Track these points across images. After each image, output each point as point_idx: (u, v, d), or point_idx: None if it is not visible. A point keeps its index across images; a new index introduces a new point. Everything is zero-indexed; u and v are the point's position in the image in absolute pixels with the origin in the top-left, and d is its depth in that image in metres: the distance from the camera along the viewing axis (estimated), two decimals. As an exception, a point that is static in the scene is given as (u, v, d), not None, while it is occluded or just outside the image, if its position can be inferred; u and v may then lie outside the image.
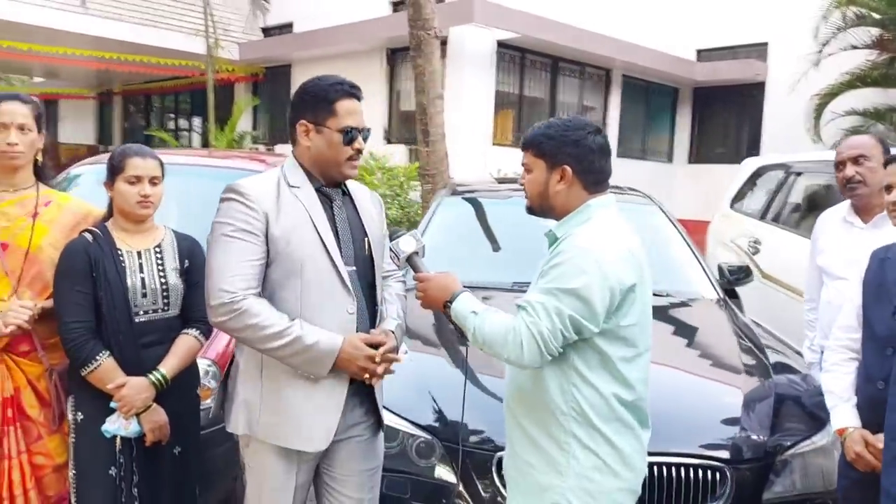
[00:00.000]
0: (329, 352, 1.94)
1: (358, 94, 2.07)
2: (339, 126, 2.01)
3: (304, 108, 2.04)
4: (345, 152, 2.04)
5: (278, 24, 14.33)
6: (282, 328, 1.91)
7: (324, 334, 1.94)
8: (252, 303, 1.91)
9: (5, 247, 2.36)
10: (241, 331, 1.93)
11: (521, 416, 1.87)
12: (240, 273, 1.92)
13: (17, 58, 13.32)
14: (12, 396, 2.38)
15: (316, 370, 1.96)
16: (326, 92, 2.02)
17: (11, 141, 2.34)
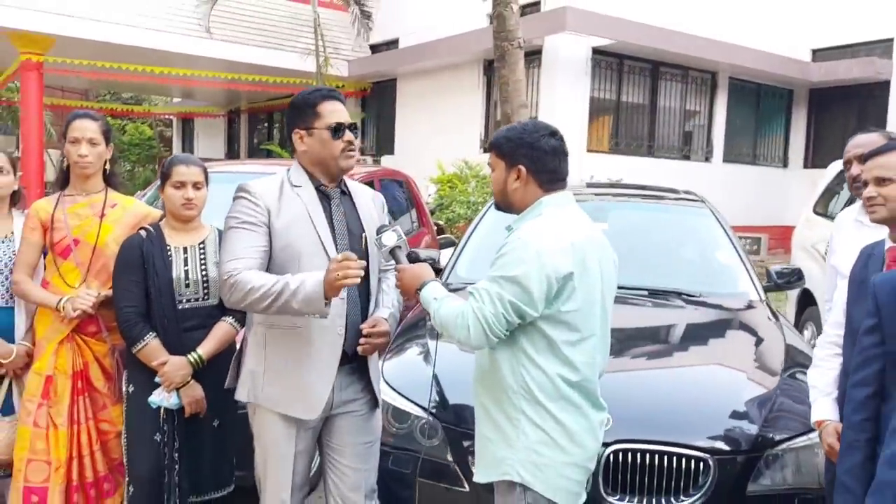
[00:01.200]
0: (316, 283, 2.07)
1: (337, 97, 2.33)
2: (325, 124, 2.27)
3: (295, 119, 2.32)
4: (337, 146, 2.28)
5: (385, 41, 14.94)
6: (271, 283, 2.12)
7: (306, 275, 2.11)
8: (243, 274, 2.15)
9: (77, 242, 2.79)
10: (244, 300, 2.17)
11: (482, 395, 2.04)
12: (240, 256, 2.19)
13: (158, 81, 14.67)
14: (82, 370, 2.80)
15: (316, 307, 2.10)
16: (308, 99, 2.30)
17: (82, 153, 2.76)
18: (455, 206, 10.46)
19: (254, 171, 4.70)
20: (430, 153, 12.05)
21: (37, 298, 2.77)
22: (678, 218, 4.21)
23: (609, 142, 12.17)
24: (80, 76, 14.52)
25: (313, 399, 2.27)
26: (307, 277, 2.12)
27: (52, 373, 2.76)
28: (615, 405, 2.31)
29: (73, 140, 2.76)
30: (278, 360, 2.29)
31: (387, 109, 14.78)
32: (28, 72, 11.71)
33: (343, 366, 2.31)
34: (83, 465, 2.78)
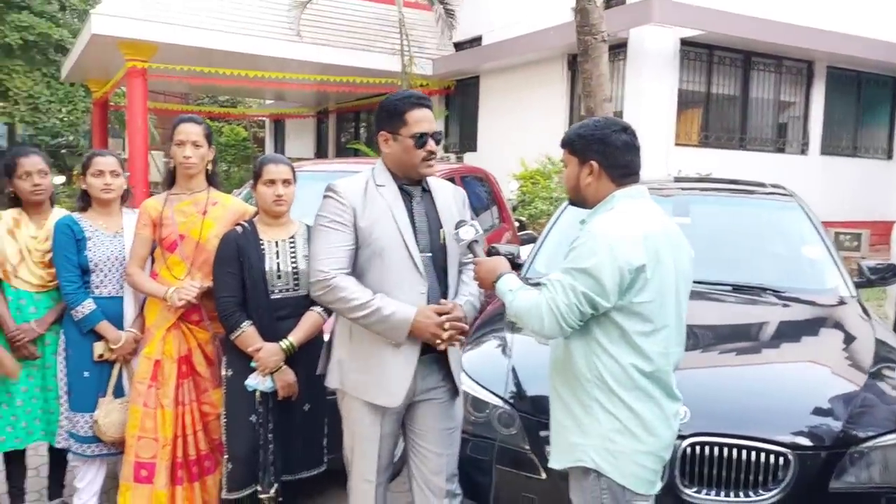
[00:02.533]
0: (404, 320, 2.30)
1: (427, 104, 2.42)
2: (410, 133, 2.37)
3: (383, 121, 2.43)
4: (418, 155, 2.39)
5: (468, 39, 15.04)
6: (364, 301, 2.30)
7: (400, 306, 2.31)
8: (340, 279, 2.32)
9: (182, 237, 3.01)
10: (333, 302, 2.36)
11: (557, 383, 2.11)
12: (332, 256, 2.34)
13: (252, 84, 15.31)
14: (186, 356, 3.03)
15: (395, 336, 2.32)
16: (397, 105, 2.39)
17: (187, 155, 2.98)
18: (537, 201, 10.45)
19: (339, 169, 4.90)
20: (513, 149, 12.08)
21: (147, 289, 3.01)
22: (765, 212, 4.11)
23: (698, 135, 11.85)
24: (180, 81, 15.31)
25: (394, 388, 2.38)
26: (398, 310, 2.29)
27: (161, 357, 2.99)
28: (695, 398, 2.33)
29: (178, 142, 2.98)
30: (362, 351, 2.42)
31: (470, 107, 14.89)
32: (134, 78, 12.45)
33: (425, 355, 2.42)
34: (187, 444, 3.01)
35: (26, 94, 19.00)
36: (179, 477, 3.00)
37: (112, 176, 3.13)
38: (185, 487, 3.01)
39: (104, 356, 3.07)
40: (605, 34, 8.13)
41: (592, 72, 8.16)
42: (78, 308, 3.01)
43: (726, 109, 12.16)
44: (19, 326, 3.05)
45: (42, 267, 3.10)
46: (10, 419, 3.08)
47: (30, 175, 3.09)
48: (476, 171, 6.36)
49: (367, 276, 2.39)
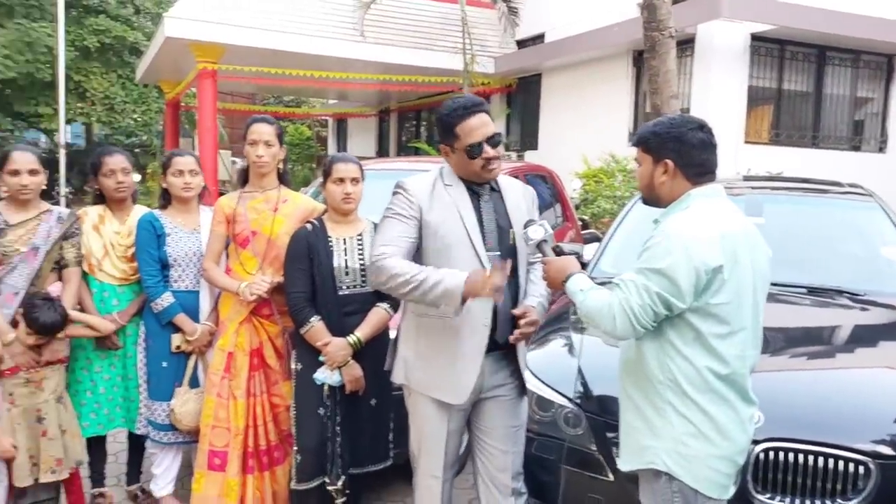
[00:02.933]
0: (455, 285, 2.19)
1: (477, 110, 2.38)
2: (463, 146, 2.38)
3: (440, 134, 2.46)
4: (476, 164, 2.40)
5: (531, 36, 14.95)
6: (413, 274, 2.25)
7: (447, 272, 2.24)
8: (387, 259, 2.30)
9: (254, 234, 3.10)
10: (385, 284, 2.32)
11: (627, 385, 2.08)
12: (389, 243, 2.34)
13: (317, 84, 15.59)
14: (257, 349, 3.12)
15: (451, 302, 2.22)
16: (448, 119, 2.39)
17: (259, 154, 3.07)
18: (600, 200, 10.31)
19: (405, 168, 4.95)
20: (575, 147, 11.95)
21: (221, 283, 3.11)
22: (842, 212, 3.97)
23: (769, 133, 11.50)
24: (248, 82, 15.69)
25: (460, 386, 2.40)
26: (447, 275, 2.23)
27: (233, 350, 3.09)
28: (770, 403, 2.27)
29: (251, 142, 3.07)
30: (428, 348, 2.44)
31: (531, 105, 14.81)
32: (204, 79, 12.84)
33: (491, 353, 2.42)
34: (258, 434, 3.10)
35: (103, 95, 19.82)
36: (250, 466, 3.09)
37: (191, 175, 3.25)
38: (255, 476, 3.10)
39: (181, 348, 3.20)
40: (673, 30, 7.98)
41: (659, 68, 8.01)
42: (157, 301, 3.14)
43: (798, 106, 11.76)
44: (104, 318, 3.19)
45: (125, 261, 3.24)
46: (93, 406, 3.23)
47: (114, 173, 3.23)
48: (539, 170, 6.32)
49: None
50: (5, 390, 2.94)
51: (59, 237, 3.09)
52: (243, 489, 3.07)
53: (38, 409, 2.96)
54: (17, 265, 3.00)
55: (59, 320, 2.94)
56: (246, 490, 3.07)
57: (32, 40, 16.87)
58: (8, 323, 2.94)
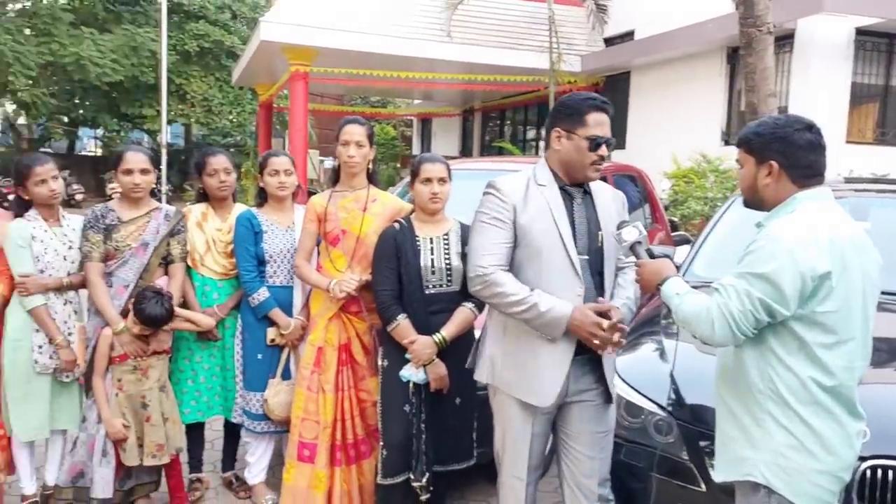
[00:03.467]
0: (561, 317, 2.28)
1: (607, 109, 2.40)
2: (587, 134, 2.36)
3: (560, 118, 2.43)
4: (589, 157, 2.38)
5: (620, 34, 14.69)
6: (522, 297, 2.31)
7: (557, 303, 2.30)
8: (498, 275, 2.35)
9: (344, 232, 3.17)
10: (490, 298, 2.39)
11: (725, 393, 2.01)
12: (490, 252, 2.38)
13: (402, 85, 15.83)
14: (346, 344, 3.19)
15: (551, 332, 2.31)
16: (580, 105, 2.39)
17: (351, 154, 3.14)
18: (691, 201, 10.02)
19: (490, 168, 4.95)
20: (664, 147, 11.65)
21: (313, 280, 3.20)
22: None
23: (873, 132, 10.88)
24: (337, 84, 16.06)
25: (546, 388, 2.38)
26: (555, 306, 2.28)
27: (323, 345, 3.18)
28: (876, 418, 2.15)
29: (343, 142, 3.14)
30: (515, 348, 2.44)
31: (619, 103, 14.50)
32: (296, 81, 13.24)
33: (579, 356, 2.40)
34: (345, 428, 3.17)
35: (201, 98, 20.76)
36: (338, 459, 3.16)
37: (286, 174, 3.36)
38: (343, 469, 3.17)
39: (275, 341, 3.31)
40: (771, 25, 7.67)
41: (756, 65, 7.72)
42: (254, 295, 3.26)
43: (908, 103, 11.08)
44: (204, 311, 3.34)
45: (225, 257, 3.39)
46: (193, 394, 3.39)
47: (217, 172, 3.38)
48: (628, 170, 6.20)
49: (523, 275, 2.40)
50: (114, 376, 3.13)
51: (166, 234, 3.26)
52: (331, 481, 3.14)
53: (142, 396, 3.13)
54: (128, 259, 3.18)
55: (165, 314, 3.10)
56: (334, 482, 3.14)
57: (137, 45, 17.84)
58: (118, 314, 3.12)
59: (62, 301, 3.17)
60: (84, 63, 16.61)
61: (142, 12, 20.24)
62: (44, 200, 3.14)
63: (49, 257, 3.12)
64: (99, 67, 16.75)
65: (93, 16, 19.32)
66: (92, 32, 17.47)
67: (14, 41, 15.75)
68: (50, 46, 16.38)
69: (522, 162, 5.42)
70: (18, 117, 23.32)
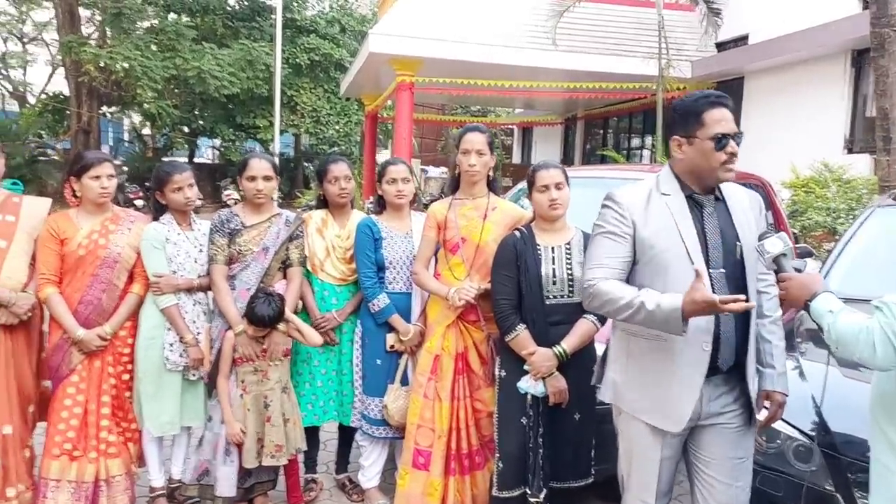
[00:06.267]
0: (672, 308, 2.04)
1: (726, 103, 2.23)
2: (708, 134, 2.19)
3: (676, 125, 2.28)
4: (718, 158, 2.20)
5: (733, 38, 14.10)
6: (629, 299, 2.14)
7: (663, 297, 2.09)
8: (601, 284, 2.21)
9: (464, 240, 3.16)
10: (601, 308, 2.25)
11: (884, 422, 1.83)
12: (602, 265, 2.25)
13: (502, 94, 15.80)
14: (463, 353, 3.18)
15: (672, 328, 2.08)
16: (694, 106, 2.23)
17: (472, 163, 3.13)
18: (811, 212, 9.46)
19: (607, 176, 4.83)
20: (781, 155, 11.06)
21: (431, 287, 3.20)
22: None
23: None
24: (441, 93, 16.22)
25: (675, 413, 2.24)
26: (663, 300, 2.08)
27: (440, 352, 3.17)
28: None
29: (464, 151, 3.14)
30: (640, 370, 2.31)
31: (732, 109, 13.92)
32: (402, 91, 13.45)
33: (712, 377, 2.23)
34: (460, 437, 3.15)
35: (311, 108, 21.47)
36: (452, 468, 3.14)
37: (403, 182, 3.39)
38: (457, 479, 3.15)
39: (395, 347, 3.34)
40: (908, 25, 7.15)
41: (889, 68, 7.24)
42: (374, 301, 3.30)
43: None
44: (323, 315, 3.41)
45: (344, 263, 3.45)
46: (310, 398, 3.46)
47: (337, 180, 3.45)
48: (750, 178, 5.87)
49: None
50: (238, 378, 3.23)
51: (286, 239, 3.36)
52: (445, 490, 3.13)
53: (265, 396, 3.22)
54: (251, 263, 3.29)
55: (273, 314, 3.15)
56: (448, 491, 3.13)
57: (253, 59, 18.63)
58: (241, 316, 3.22)
59: (192, 301, 3.30)
60: (204, 76, 17.51)
61: (257, 28, 21.16)
62: (179, 207, 3.30)
63: (181, 259, 3.27)
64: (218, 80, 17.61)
65: (213, 31, 20.36)
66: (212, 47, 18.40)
67: (143, 56, 16.79)
68: (174, 61, 17.35)
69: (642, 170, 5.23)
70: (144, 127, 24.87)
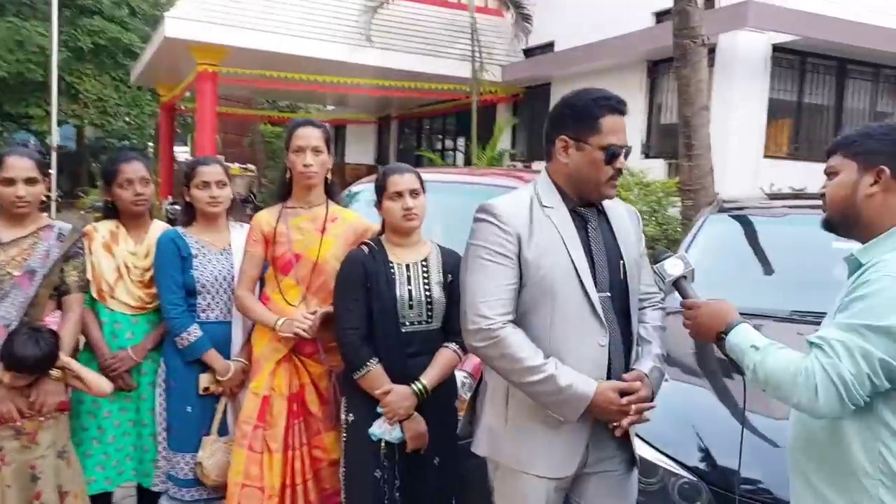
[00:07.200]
0: (581, 397, 1.85)
1: (624, 110, 1.95)
2: (602, 143, 1.90)
3: (566, 123, 1.95)
4: (605, 172, 1.92)
5: (539, 45, 14.59)
6: (536, 364, 1.84)
7: (578, 378, 1.85)
8: (509, 332, 1.87)
9: (298, 257, 2.63)
10: (494, 359, 1.90)
11: (811, 472, 1.61)
12: (496, 297, 1.88)
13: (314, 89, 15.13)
14: (298, 393, 2.64)
15: (564, 413, 1.87)
16: (591, 107, 1.92)
17: (307, 163, 2.60)
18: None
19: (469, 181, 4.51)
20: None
21: (257, 316, 2.64)
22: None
23: (788, 147, 11.16)
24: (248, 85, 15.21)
25: (564, 460, 1.94)
26: (576, 383, 1.85)
27: (269, 394, 2.62)
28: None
29: (297, 149, 2.61)
30: (523, 416, 1.96)
31: (539, 114, 14.37)
32: (204, 82, 12.35)
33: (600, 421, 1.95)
34: (296, 495, 2.62)
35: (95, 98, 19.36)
36: (287, 533, 2.60)
37: (218, 187, 2.78)
38: (292, 545, 2.61)
39: (210, 389, 2.71)
40: (706, 37, 7.63)
41: (691, 78, 7.64)
42: (183, 335, 2.65)
43: (818, 120, 11.45)
44: (115, 354, 2.70)
45: (141, 287, 2.76)
46: (100, 457, 2.73)
47: (131, 183, 2.74)
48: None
49: (531, 323, 1.92)
50: (-6, 444, 2.44)
51: (59, 258, 2.61)
52: (278, 561, 2.58)
53: (32, 466, 2.46)
54: (10, 292, 2.52)
55: (39, 356, 2.42)
56: (281, 562, 2.58)
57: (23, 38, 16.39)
58: (-3, 361, 2.44)
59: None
60: (-39, 55, 15.10)
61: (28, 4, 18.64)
62: None
63: None
64: (-23, 61, 15.26)
65: (-29, 5, 17.64)
66: (-32, 23, 15.92)
67: None
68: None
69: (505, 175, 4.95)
70: None
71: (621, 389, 1.88)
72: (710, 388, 2.55)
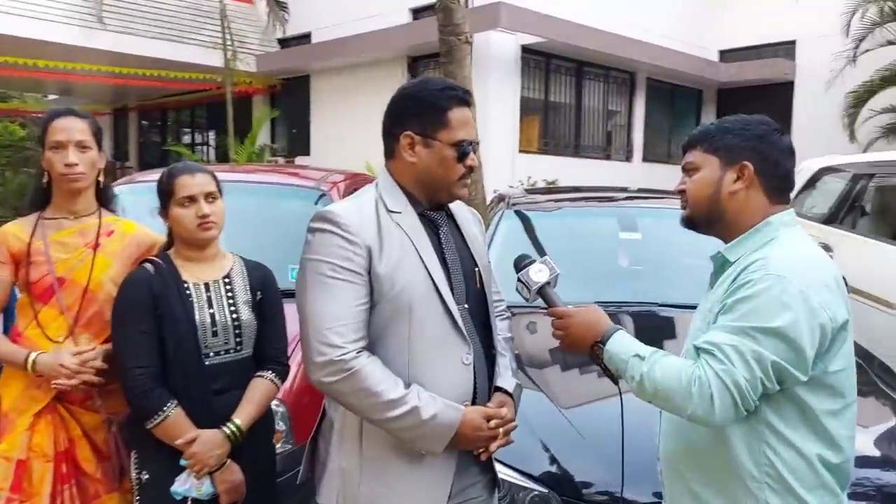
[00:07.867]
0: (447, 427, 1.63)
1: (469, 101, 1.76)
2: (452, 139, 1.70)
3: (409, 117, 1.72)
4: (457, 170, 1.72)
5: (296, 35, 14.10)
6: (397, 396, 1.59)
7: (442, 407, 1.63)
8: (364, 363, 1.59)
9: (62, 282, 2.08)
10: (347, 395, 1.62)
11: (693, 480, 1.55)
12: (346, 323, 1.60)
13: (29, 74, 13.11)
14: (66, 450, 2.10)
15: (429, 447, 1.65)
16: (438, 99, 1.70)
17: (70, 161, 2.06)
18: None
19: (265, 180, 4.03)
20: (354, 152, 11.38)
21: (5, 355, 2.04)
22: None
23: (539, 142, 11.99)
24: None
25: (431, 497, 1.72)
26: (441, 412, 1.63)
27: (26, 456, 2.05)
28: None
29: (55, 145, 2.06)
30: (380, 452, 1.70)
31: (299, 107, 13.95)
32: None
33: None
34: (73, 579, 2.08)
35: None
36: None
37: None
38: None
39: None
40: (469, 35, 7.81)
41: (457, 74, 7.75)
42: None
43: (563, 117, 12.46)
44: None
45: None
46: None
47: None
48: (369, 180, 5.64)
49: (387, 345, 1.67)
50: None
51: None
52: None
53: None
54: None
55: None
56: None
57: None
58: None
59: None
60: None
61: None
62: None
63: None
64: None
65: None
66: None
67: None
68: None
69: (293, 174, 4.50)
70: None
71: (489, 415, 1.69)
72: (550, 393, 2.46)
